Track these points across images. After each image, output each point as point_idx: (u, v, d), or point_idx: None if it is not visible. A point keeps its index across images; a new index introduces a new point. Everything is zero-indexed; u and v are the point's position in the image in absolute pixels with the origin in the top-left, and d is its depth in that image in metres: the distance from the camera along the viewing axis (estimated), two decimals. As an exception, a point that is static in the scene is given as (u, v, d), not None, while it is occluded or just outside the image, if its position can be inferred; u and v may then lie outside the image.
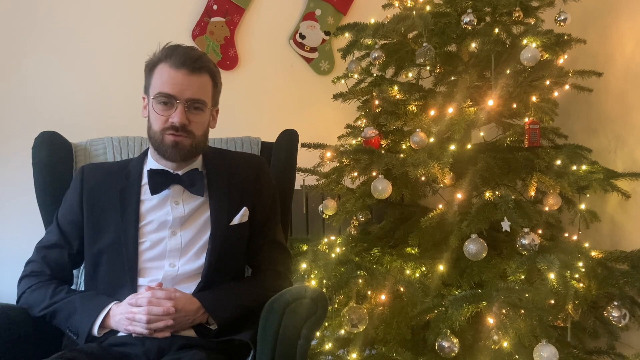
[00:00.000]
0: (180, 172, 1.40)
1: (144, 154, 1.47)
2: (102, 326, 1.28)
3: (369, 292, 1.66)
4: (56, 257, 1.39)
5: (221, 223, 1.39)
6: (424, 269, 1.78)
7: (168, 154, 1.36)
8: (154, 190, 1.38)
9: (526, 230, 1.59)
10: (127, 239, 1.35)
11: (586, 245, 1.87)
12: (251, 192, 1.46)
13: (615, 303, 1.63)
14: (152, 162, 1.42)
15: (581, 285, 1.57)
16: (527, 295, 1.51)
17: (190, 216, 1.39)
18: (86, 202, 1.40)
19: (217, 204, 1.41)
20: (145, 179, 1.41)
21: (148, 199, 1.39)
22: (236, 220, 1.41)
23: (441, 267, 1.70)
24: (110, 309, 1.29)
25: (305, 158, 1.89)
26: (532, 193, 1.79)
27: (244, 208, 1.43)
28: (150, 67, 1.36)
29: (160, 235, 1.37)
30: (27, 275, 1.40)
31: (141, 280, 1.34)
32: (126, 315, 1.25)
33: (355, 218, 2.13)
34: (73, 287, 1.46)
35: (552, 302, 1.55)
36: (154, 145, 1.39)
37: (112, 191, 1.40)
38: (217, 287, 1.36)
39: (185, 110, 1.32)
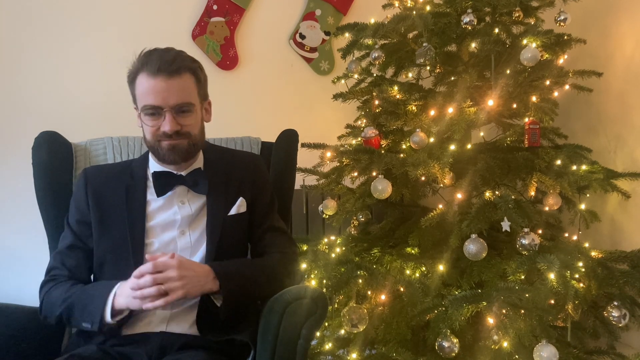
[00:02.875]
0: (183, 173, 1.41)
1: (145, 156, 1.47)
2: (117, 312, 1.24)
3: (369, 292, 1.65)
4: (74, 258, 1.38)
5: (217, 214, 1.40)
6: (424, 269, 1.78)
7: (167, 158, 1.36)
8: (159, 192, 1.38)
9: (526, 230, 1.59)
10: (134, 237, 1.35)
11: (586, 245, 1.86)
12: (248, 187, 1.46)
13: (615, 303, 1.63)
14: (155, 165, 1.43)
15: (581, 285, 1.57)
16: (527, 295, 1.51)
17: (197, 216, 1.40)
18: (92, 200, 1.40)
19: (213, 197, 1.41)
20: (150, 181, 1.41)
21: (154, 200, 1.40)
22: (233, 210, 1.42)
23: (441, 267, 1.70)
24: (117, 289, 1.25)
25: (305, 158, 1.89)
26: (532, 193, 1.78)
27: (240, 198, 1.43)
28: (131, 79, 1.35)
29: (169, 235, 1.37)
30: (47, 280, 1.38)
31: None
32: (133, 294, 1.20)
33: (355, 218, 2.13)
34: None
35: (552, 302, 1.55)
36: (153, 152, 1.40)
37: (117, 189, 1.40)
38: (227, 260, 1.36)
39: (174, 117, 1.31)
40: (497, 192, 1.72)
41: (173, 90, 1.30)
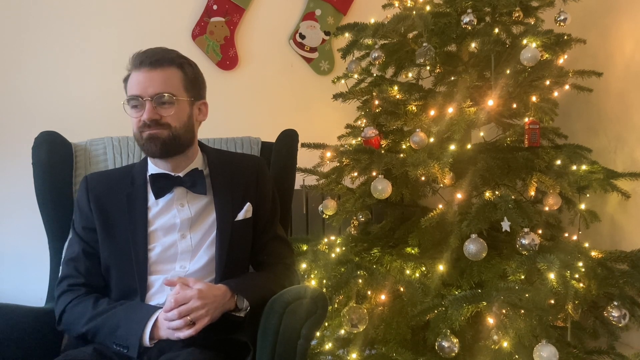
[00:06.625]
0: (181, 174, 1.41)
1: (145, 160, 1.47)
2: (151, 337, 1.25)
3: (369, 292, 1.66)
4: (86, 265, 1.38)
5: (227, 218, 1.40)
6: (424, 269, 1.77)
7: (147, 148, 1.35)
8: (157, 195, 1.38)
9: (526, 230, 1.59)
10: (136, 244, 1.35)
11: (586, 245, 1.87)
12: (253, 191, 1.47)
13: (615, 303, 1.63)
14: (152, 167, 1.43)
15: (581, 285, 1.57)
16: (527, 295, 1.51)
17: (198, 218, 1.40)
18: (94, 208, 1.40)
19: (221, 201, 1.42)
20: (149, 185, 1.41)
21: (154, 204, 1.40)
22: (240, 215, 1.43)
23: (441, 267, 1.70)
24: (157, 318, 1.26)
25: (305, 158, 1.89)
26: (532, 193, 1.78)
27: (248, 204, 1.44)
28: (125, 80, 1.38)
29: (170, 239, 1.38)
30: (65, 291, 1.37)
31: (151, 280, 1.34)
32: (167, 325, 1.24)
33: (355, 218, 2.13)
34: None
35: (552, 302, 1.55)
36: (140, 147, 1.39)
37: (118, 196, 1.40)
38: (236, 277, 1.37)
39: (155, 107, 1.32)
40: (497, 192, 1.72)
41: (153, 81, 1.32)
